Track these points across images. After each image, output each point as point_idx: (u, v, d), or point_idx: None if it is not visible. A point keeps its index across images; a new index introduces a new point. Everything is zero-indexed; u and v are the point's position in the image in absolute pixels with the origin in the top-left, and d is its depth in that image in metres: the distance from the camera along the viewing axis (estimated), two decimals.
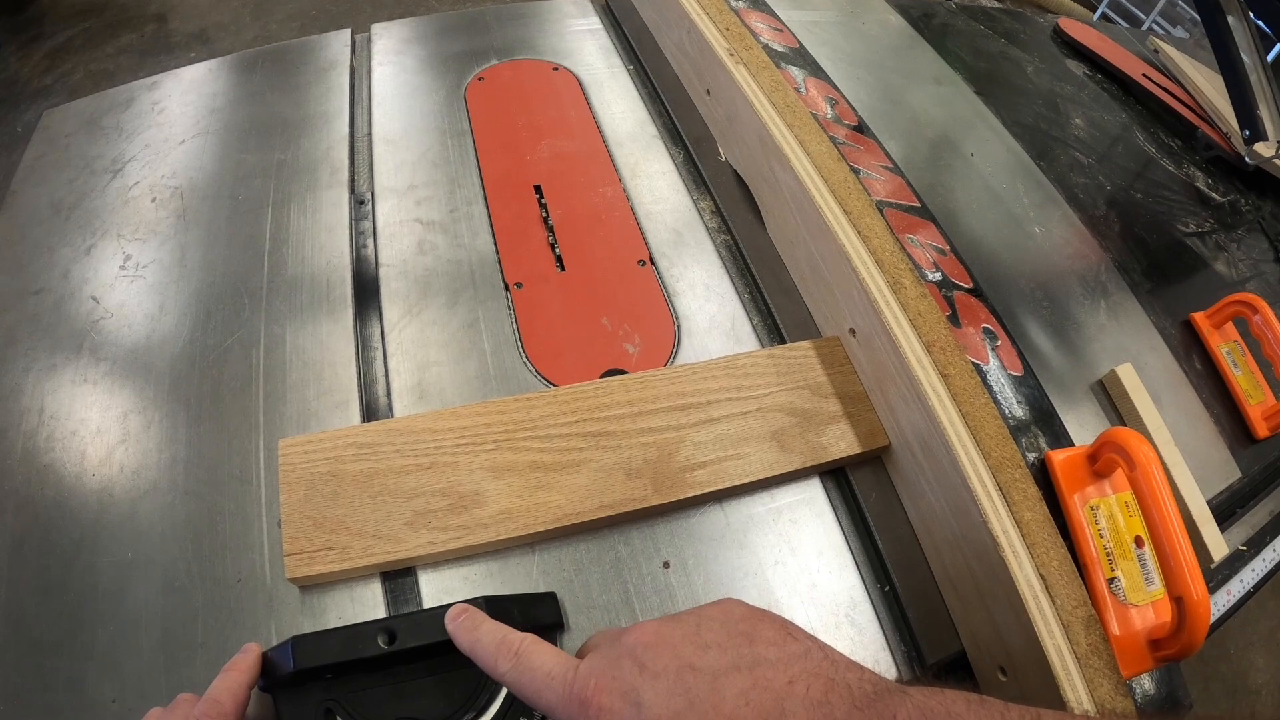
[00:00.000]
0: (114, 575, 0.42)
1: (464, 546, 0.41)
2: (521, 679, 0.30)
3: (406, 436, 0.44)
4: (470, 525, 0.42)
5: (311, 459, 0.43)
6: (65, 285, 0.55)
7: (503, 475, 0.43)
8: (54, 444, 0.47)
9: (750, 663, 0.26)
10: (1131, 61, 0.93)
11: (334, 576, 0.41)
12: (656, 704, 0.26)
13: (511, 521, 0.42)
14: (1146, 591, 0.41)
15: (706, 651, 0.27)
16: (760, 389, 0.49)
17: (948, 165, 0.71)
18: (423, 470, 0.43)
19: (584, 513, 0.43)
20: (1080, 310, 0.61)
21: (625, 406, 0.47)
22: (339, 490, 0.42)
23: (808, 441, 0.47)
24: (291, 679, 0.35)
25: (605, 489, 0.44)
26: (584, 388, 0.47)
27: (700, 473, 0.45)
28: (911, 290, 0.47)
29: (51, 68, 2.19)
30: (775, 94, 0.58)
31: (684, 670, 0.27)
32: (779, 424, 0.48)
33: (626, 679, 0.27)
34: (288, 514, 0.41)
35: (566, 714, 0.28)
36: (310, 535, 0.40)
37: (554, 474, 0.44)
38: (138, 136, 0.67)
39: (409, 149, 0.65)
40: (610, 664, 0.28)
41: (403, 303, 0.54)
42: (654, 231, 0.62)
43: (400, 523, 0.41)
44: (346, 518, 0.41)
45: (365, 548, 0.40)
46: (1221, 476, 0.57)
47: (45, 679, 0.39)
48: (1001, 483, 0.39)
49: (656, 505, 0.44)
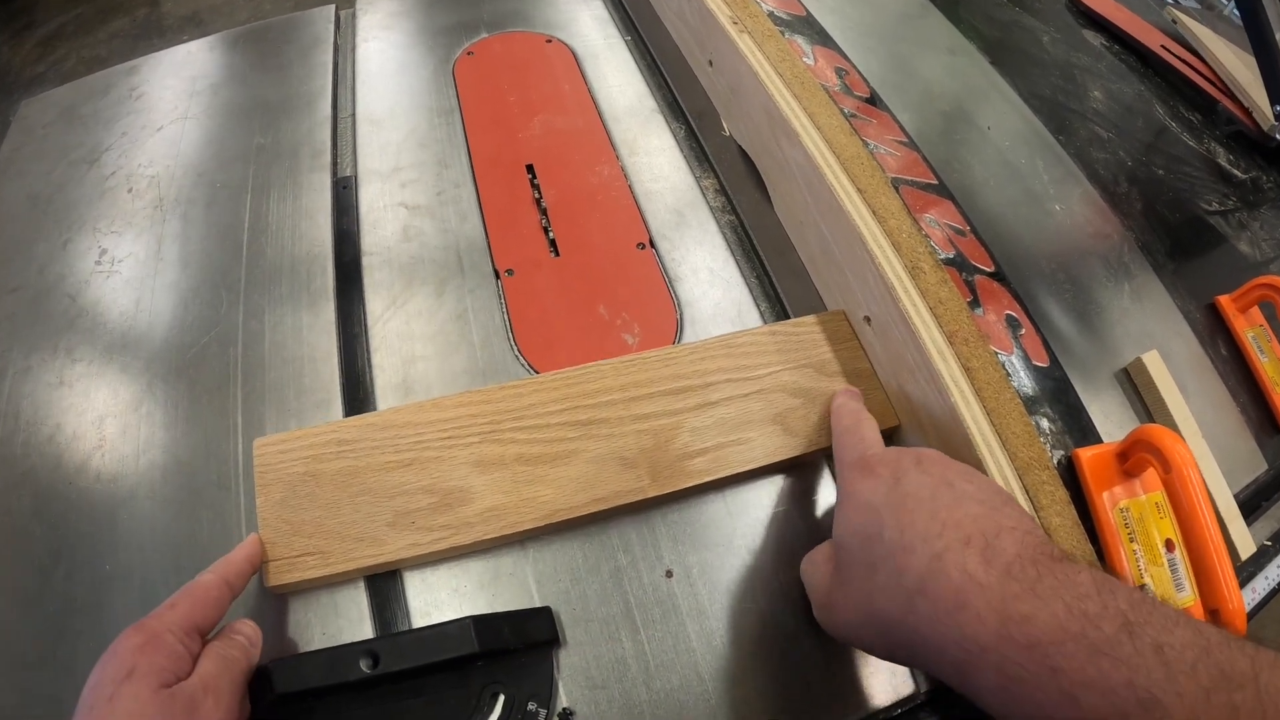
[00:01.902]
0: (92, 588, 0.40)
1: (450, 547, 0.39)
2: (847, 432, 0.40)
3: (386, 431, 0.42)
4: (455, 524, 0.40)
5: (288, 459, 0.41)
6: (41, 282, 0.53)
7: (489, 470, 0.41)
8: (31, 451, 0.45)
9: (993, 505, 0.32)
10: (1149, 32, 0.89)
11: (315, 583, 0.39)
12: (911, 487, 0.33)
13: (499, 519, 0.40)
14: (1177, 599, 0.38)
15: (969, 482, 0.33)
16: (761, 369, 0.46)
17: (963, 139, 0.68)
18: (404, 467, 0.41)
19: (576, 507, 0.41)
20: (1103, 293, 0.58)
21: (618, 391, 0.44)
22: (317, 491, 0.40)
23: (813, 423, 0.45)
24: (272, 705, 0.33)
25: (598, 481, 0.41)
26: (573, 372, 0.45)
27: (699, 460, 0.43)
28: (931, 275, 0.44)
29: (44, 56, 2.16)
30: (782, 64, 0.55)
31: (943, 482, 0.33)
32: (782, 405, 0.45)
33: (903, 464, 0.34)
34: (264, 518, 0.39)
35: (849, 464, 0.37)
36: (289, 540, 0.39)
37: (543, 466, 0.41)
38: (115, 124, 0.64)
39: (394, 129, 0.62)
40: (899, 453, 0.36)
41: (387, 293, 0.52)
42: (654, 212, 0.59)
43: (382, 524, 0.39)
44: (326, 520, 0.39)
45: (346, 552, 0.38)
46: (1248, 469, 0.54)
47: (25, 695, 0.37)
48: (1028, 485, 0.37)
49: (654, 497, 0.41)
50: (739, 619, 0.40)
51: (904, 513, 0.32)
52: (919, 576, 0.30)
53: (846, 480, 0.36)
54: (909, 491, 0.32)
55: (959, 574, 0.28)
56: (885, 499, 0.33)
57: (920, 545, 0.30)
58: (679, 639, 0.39)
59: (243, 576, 0.36)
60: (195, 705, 0.30)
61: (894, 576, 0.31)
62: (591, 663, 0.39)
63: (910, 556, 0.30)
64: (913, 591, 0.30)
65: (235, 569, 0.36)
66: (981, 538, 0.29)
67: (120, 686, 0.29)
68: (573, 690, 0.38)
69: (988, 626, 0.27)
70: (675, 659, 0.39)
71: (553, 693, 0.37)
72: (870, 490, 0.34)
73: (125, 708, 0.28)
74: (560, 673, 0.38)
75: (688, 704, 0.38)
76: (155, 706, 0.29)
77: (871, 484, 0.34)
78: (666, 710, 0.38)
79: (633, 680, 0.38)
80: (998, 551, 0.29)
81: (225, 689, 0.32)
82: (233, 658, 0.33)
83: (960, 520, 0.30)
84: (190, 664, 0.32)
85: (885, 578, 0.31)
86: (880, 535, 0.32)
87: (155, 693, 0.29)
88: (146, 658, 0.30)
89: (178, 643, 0.31)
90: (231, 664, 0.33)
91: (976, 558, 0.29)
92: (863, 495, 0.34)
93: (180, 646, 0.31)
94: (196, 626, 0.33)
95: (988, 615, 0.27)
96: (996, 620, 0.27)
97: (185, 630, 0.32)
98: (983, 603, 0.28)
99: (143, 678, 0.29)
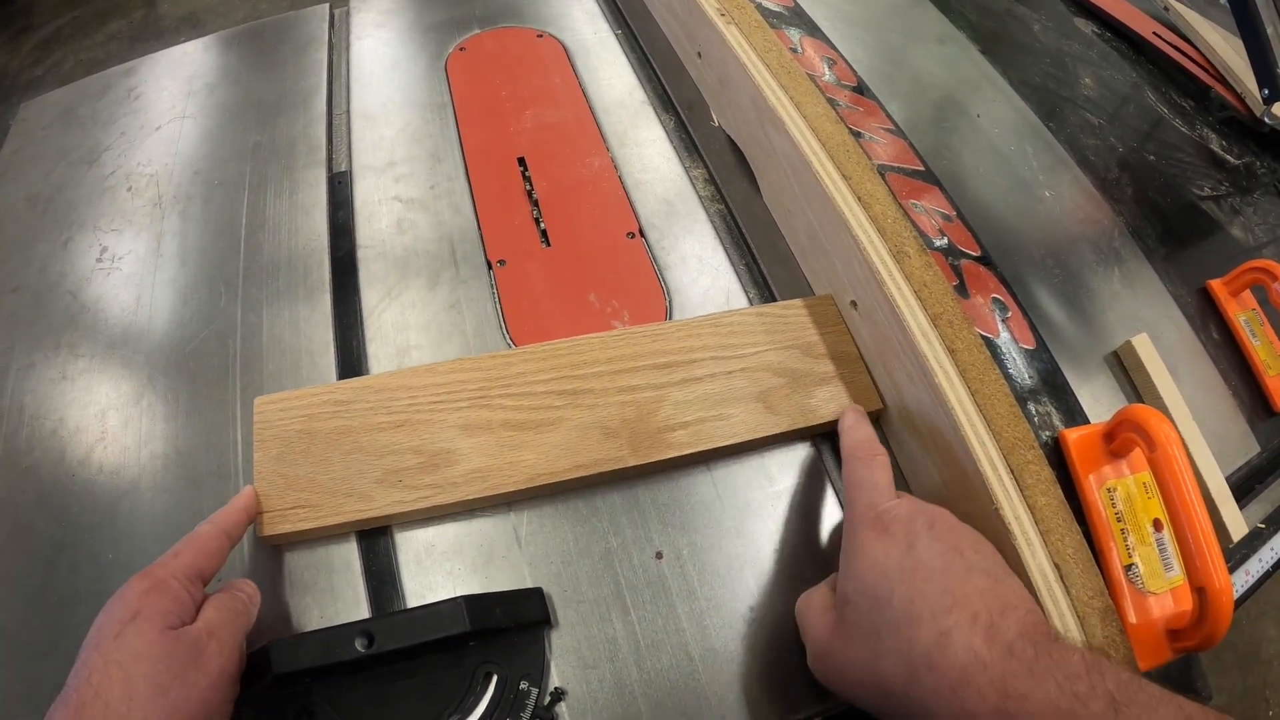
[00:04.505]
0: (96, 578, 0.41)
1: (434, 506, 0.41)
2: (859, 473, 0.39)
3: (381, 394, 0.43)
4: (441, 484, 0.41)
5: (286, 416, 0.42)
6: (42, 281, 0.54)
7: (475, 433, 0.42)
8: (34, 445, 0.45)
9: (999, 576, 0.33)
10: (1141, 19, 0.89)
11: (306, 535, 0.40)
12: (924, 554, 0.33)
13: (483, 480, 0.41)
14: (1165, 578, 0.38)
15: (976, 554, 0.34)
16: (747, 348, 0.47)
17: (953, 127, 0.68)
18: (396, 428, 0.42)
19: (558, 473, 0.42)
20: (1093, 278, 0.59)
21: (605, 364, 0.45)
22: (311, 448, 0.41)
23: (795, 403, 0.45)
24: (269, 684, 0.34)
25: (580, 448, 0.42)
26: (562, 344, 0.46)
27: (680, 433, 0.43)
28: (916, 259, 0.44)
29: (42, 59, 2.17)
30: (769, 55, 0.55)
31: (954, 550, 0.33)
32: (766, 384, 0.46)
33: (916, 528, 0.34)
34: (260, 472, 0.41)
35: (861, 517, 0.36)
36: (282, 493, 0.40)
37: (528, 432, 0.43)
38: (114, 125, 0.65)
39: (388, 124, 0.63)
40: (912, 513, 0.35)
41: (381, 285, 0.52)
42: (643, 202, 0.59)
43: (371, 480, 0.41)
44: (318, 475, 0.41)
45: (336, 506, 0.40)
46: (1240, 451, 0.54)
47: (31, 685, 0.38)
48: (1013, 465, 0.37)
49: (634, 466, 0.42)
50: (728, 600, 0.41)
51: (915, 582, 0.32)
52: (926, 650, 0.30)
53: (858, 535, 0.36)
54: (921, 560, 0.33)
55: (965, 652, 0.29)
56: (898, 565, 0.33)
57: (929, 619, 0.31)
58: (669, 620, 0.40)
59: (239, 526, 0.38)
60: (200, 648, 0.31)
61: (901, 646, 0.31)
62: (583, 643, 0.39)
63: (919, 629, 0.31)
64: (919, 665, 0.30)
65: (233, 519, 0.37)
66: (987, 615, 0.30)
67: (126, 626, 0.30)
68: (564, 670, 0.38)
69: (988, 702, 0.28)
70: (665, 639, 0.40)
71: (545, 672, 0.38)
72: (883, 552, 0.34)
73: (131, 646, 0.29)
74: (552, 653, 0.39)
75: (677, 683, 0.38)
76: (161, 646, 0.30)
77: (885, 545, 0.34)
78: (657, 689, 0.38)
79: (623, 660, 0.39)
80: (1001, 630, 0.30)
81: (228, 637, 0.33)
82: (235, 609, 0.34)
83: (969, 595, 0.31)
84: (194, 610, 0.33)
85: (891, 645, 0.32)
86: (890, 601, 0.32)
87: (161, 633, 0.30)
88: (152, 601, 0.31)
89: (182, 589, 0.32)
90: (234, 614, 0.34)
91: (981, 636, 0.30)
92: (875, 556, 0.34)
93: (184, 592, 0.32)
94: (200, 573, 0.34)
95: (989, 692, 0.28)
96: (996, 697, 0.28)
97: (189, 577, 0.33)
98: (985, 680, 0.29)
99: (148, 619, 0.30)
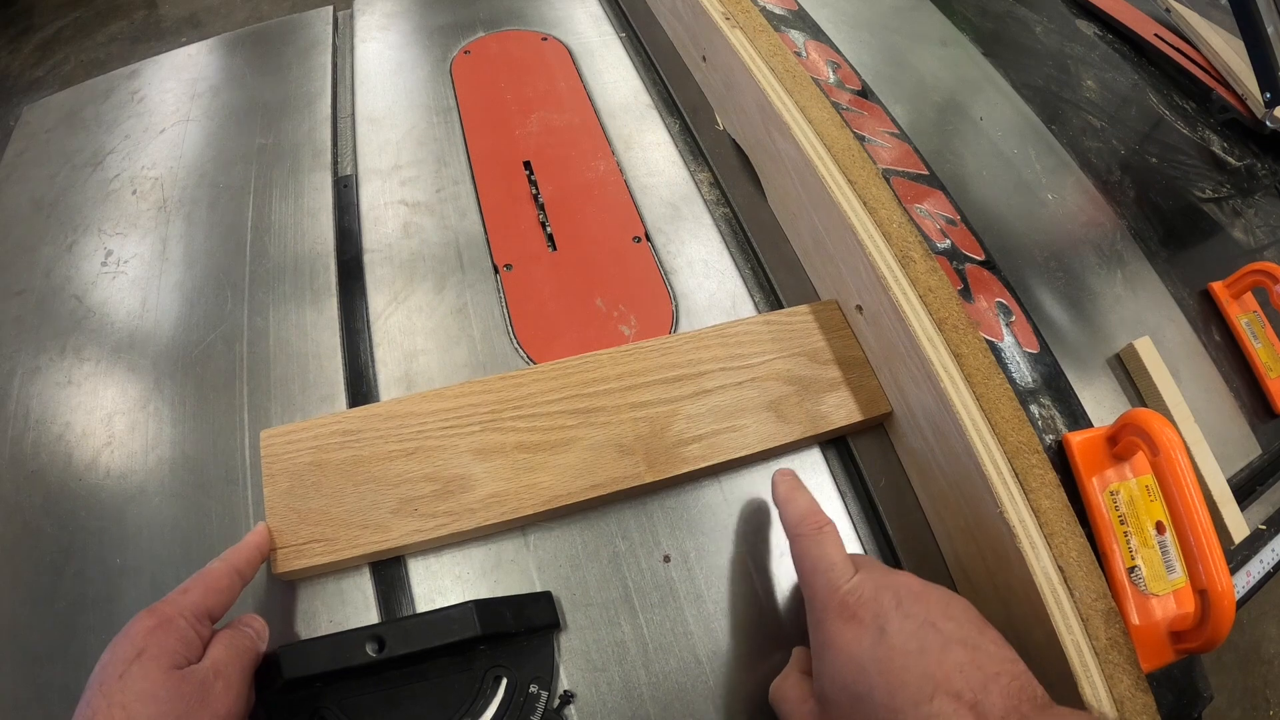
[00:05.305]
0: (104, 583, 0.41)
1: (452, 533, 0.40)
2: (810, 552, 0.36)
3: (390, 421, 0.43)
4: (458, 511, 0.40)
5: (294, 449, 0.42)
6: (47, 284, 0.54)
7: (489, 457, 0.42)
8: (40, 450, 0.46)
9: (976, 644, 0.31)
10: (1143, 21, 0.89)
11: (322, 569, 0.40)
12: (897, 637, 0.32)
13: (500, 505, 0.41)
14: (1168, 580, 0.39)
15: (949, 621, 0.32)
16: (755, 357, 0.47)
17: (956, 130, 0.68)
18: (407, 456, 0.42)
19: (574, 493, 0.41)
20: (1096, 281, 0.59)
21: (615, 380, 0.45)
22: (323, 480, 0.41)
23: (806, 411, 0.45)
24: (281, 689, 0.34)
25: (596, 468, 0.42)
26: (571, 362, 0.46)
27: (695, 447, 0.43)
28: (921, 264, 0.44)
29: (43, 60, 2.17)
30: (774, 58, 0.55)
31: (928, 624, 0.32)
32: (776, 393, 0.46)
33: (884, 607, 0.33)
34: (272, 507, 0.40)
35: (825, 604, 0.34)
36: (295, 528, 0.40)
37: (542, 454, 0.42)
38: (118, 128, 0.65)
39: (393, 128, 0.63)
40: (876, 589, 0.34)
41: (388, 289, 0.52)
42: (649, 206, 0.59)
43: (386, 511, 0.40)
44: (331, 508, 0.40)
45: (352, 538, 0.39)
46: (1242, 453, 0.55)
47: (40, 689, 0.38)
48: (1018, 469, 0.37)
49: (650, 483, 0.42)
50: (735, 603, 0.41)
51: (893, 672, 0.31)
52: None
53: (826, 626, 0.34)
54: (895, 645, 0.32)
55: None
56: (872, 655, 0.32)
57: (911, 710, 0.30)
58: (677, 623, 0.40)
59: (252, 564, 0.37)
60: (206, 688, 0.30)
61: None
62: (592, 646, 0.39)
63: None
64: None
65: (244, 557, 0.37)
66: (971, 694, 0.30)
67: (131, 665, 0.29)
68: (573, 673, 0.39)
69: None
70: (673, 642, 0.40)
71: (554, 675, 0.38)
72: (854, 643, 0.33)
73: (136, 686, 0.29)
74: (561, 656, 0.39)
75: (686, 686, 0.39)
76: (166, 687, 0.29)
77: (855, 634, 0.33)
78: (665, 692, 0.38)
79: (632, 663, 0.39)
80: (987, 709, 0.29)
81: (235, 676, 0.32)
82: (243, 646, 0.34)
83: (949, 674, 0.30)
84: (201, 648, 0.32)
85: None
86: (871, 696, 0.31)
87: (166, 673, 0.30)
88: (158, 639, 0.31)
89: (189, 627, 0.32)
90: (241, 652, 0.33)
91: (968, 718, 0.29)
92: (848, 649, 0.33)
93: (191, 631, 0.32)
94: (208, 612, 0.33)
95: None
96: None
97: (196, 615, 0.33)
98: None
99: (154, 658, 0.30)
